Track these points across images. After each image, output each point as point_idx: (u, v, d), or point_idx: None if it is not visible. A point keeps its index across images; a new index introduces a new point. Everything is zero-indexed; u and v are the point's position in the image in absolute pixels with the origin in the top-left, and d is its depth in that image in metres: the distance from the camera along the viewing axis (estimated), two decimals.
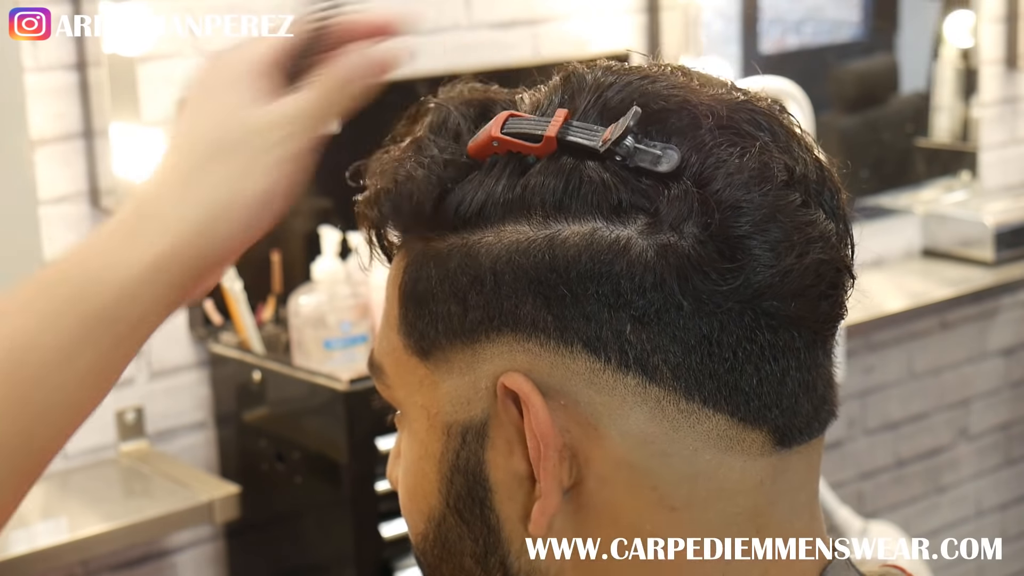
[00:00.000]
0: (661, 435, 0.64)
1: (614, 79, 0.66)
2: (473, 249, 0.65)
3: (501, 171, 0.65)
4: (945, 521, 3.38)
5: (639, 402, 0.63)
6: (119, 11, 2.08)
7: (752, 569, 0.66)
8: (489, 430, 0.66)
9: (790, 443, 0.66)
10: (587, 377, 0.63)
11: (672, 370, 0.63)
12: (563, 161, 0.64)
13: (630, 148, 0.63)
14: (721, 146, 0.63)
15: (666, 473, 0.64)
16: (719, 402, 0.63)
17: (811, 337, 0.65)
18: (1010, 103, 3.30)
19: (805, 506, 0.68)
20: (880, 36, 3.35)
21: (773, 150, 0.64)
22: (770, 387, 0.64)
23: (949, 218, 3.12)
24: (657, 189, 0.63)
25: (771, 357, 0.64)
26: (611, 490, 0.64)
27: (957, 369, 3.33)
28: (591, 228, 0.63)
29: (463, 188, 0.66)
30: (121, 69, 2.09)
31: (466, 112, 0.69)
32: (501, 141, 0.65)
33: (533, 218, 0.64)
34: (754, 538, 0.66)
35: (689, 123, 0.64)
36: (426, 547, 0.70)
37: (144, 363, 2.24)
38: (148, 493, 2.12)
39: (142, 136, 2.12)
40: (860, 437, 3.18)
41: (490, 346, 0.65)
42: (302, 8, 0.71)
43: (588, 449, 0.64)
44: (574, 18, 2.60)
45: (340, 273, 2.20)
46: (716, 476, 0.64)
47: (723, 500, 0.65)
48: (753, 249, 0.62)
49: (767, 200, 0.63)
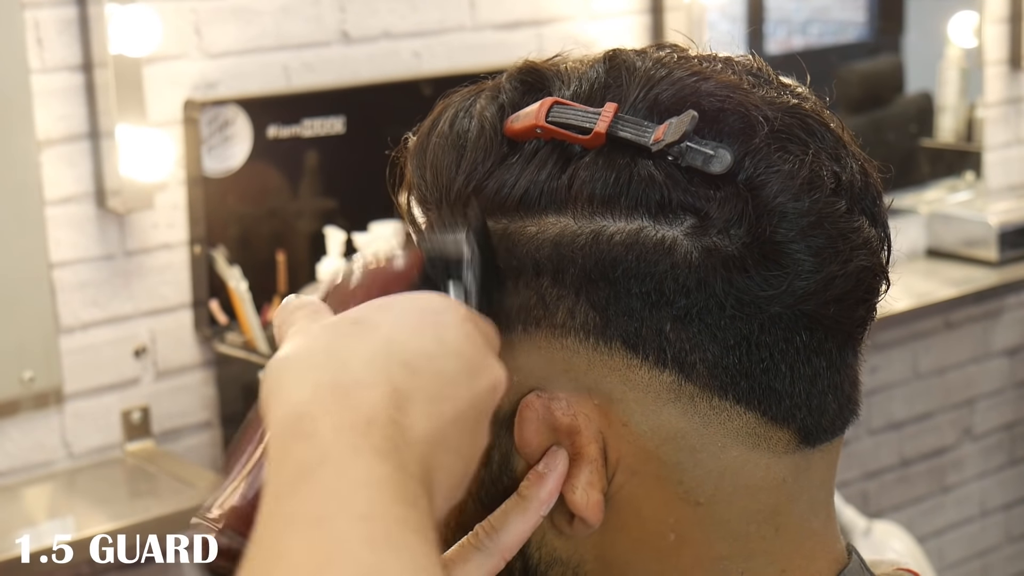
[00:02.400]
0: (691, 431, 0.64)
1: (665, 73, 0.65)
2: (514, 237, 0.64)
3: (545, 160, 0.64)
4: (949, 521, 3.38)
5: (672, 399, 0.63)
6: (125, 12, 2.09)
7: (770, 567, 0.67)
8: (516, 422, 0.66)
9: (814, 442, 0.66)
10: (623, 373, 0.64)
11: (709, 368, 0.63)
12: (612, 156, 0.64)
13: (682, 148, 0.63)
14: (775, 152, 0.63)
15: (693, 468, 0.64)
16: (751, 400, 0.64)
17: (843, 339, 0.66)
18: (1014, 103, 3.30)
19: (823, 505, 0.68)
20: (886, 37, 3.36)
21: (823, 158, 0.64)
22: (802, 387, 0.64)
23: (953, 218, 3.12)
24: (707, 190, 0.63)
25: (805, 358, 0.64)
26: (638, 484, 0.65)
27: (961, 369, 3.33)
28: (638, 226, 0.63)
29: (503, 173, 0.65)
30: (127, 70, 2.09)
31: (508, 91, 0.67)
32: (546, 129, 0.64)
33: (579, 212, 0.63)
34: (774, 537, 0.66)
35: (743, 127, 0.64)
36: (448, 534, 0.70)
37: (150, 363, 2.24)
38: (154, 493, 2.12)
39: (148, 137, 2.13)
40: (865, 437, 3.18)
41: (526, 338, 0.65)
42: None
43: (618, 447, 0.64)
44: (578, 19, 2.60)
45: None
46: (742, 473, 0.65)
47: (747, 497, 0.65)
48: (798, 255, 0.62)
49: (815, 207, 0.63)
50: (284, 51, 2.30)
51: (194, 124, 2.18)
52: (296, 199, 2.33)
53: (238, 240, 2.27)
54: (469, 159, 0.66)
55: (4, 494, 2.10)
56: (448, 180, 0.66)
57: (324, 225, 2.26)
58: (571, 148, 0.64)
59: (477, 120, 0.66)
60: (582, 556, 0.67)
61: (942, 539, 3.36)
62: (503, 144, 0.66)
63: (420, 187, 0.68)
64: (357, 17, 2.37)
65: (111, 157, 2.12)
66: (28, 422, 2.14)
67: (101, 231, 2.16)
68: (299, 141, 2.29)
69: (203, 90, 2.22)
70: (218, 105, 2.21)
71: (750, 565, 0.66)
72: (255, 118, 2.24)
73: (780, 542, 0.66)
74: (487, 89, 0.68)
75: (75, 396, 2.18)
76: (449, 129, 0.67)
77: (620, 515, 0.65)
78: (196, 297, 2.26)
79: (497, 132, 0.66)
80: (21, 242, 2.10)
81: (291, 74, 2.31)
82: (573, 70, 0.68)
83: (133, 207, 2.14)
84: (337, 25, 2.35)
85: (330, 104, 2.31)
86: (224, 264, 2.21)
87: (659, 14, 2.67)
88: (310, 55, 2.33)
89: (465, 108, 0.67)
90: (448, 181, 0.66)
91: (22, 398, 2.13)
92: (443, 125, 0.67)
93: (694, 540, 0.65)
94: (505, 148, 0.65)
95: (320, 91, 2.33)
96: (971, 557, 3.43)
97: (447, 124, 0.67)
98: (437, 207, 0.67)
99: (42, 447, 2.16)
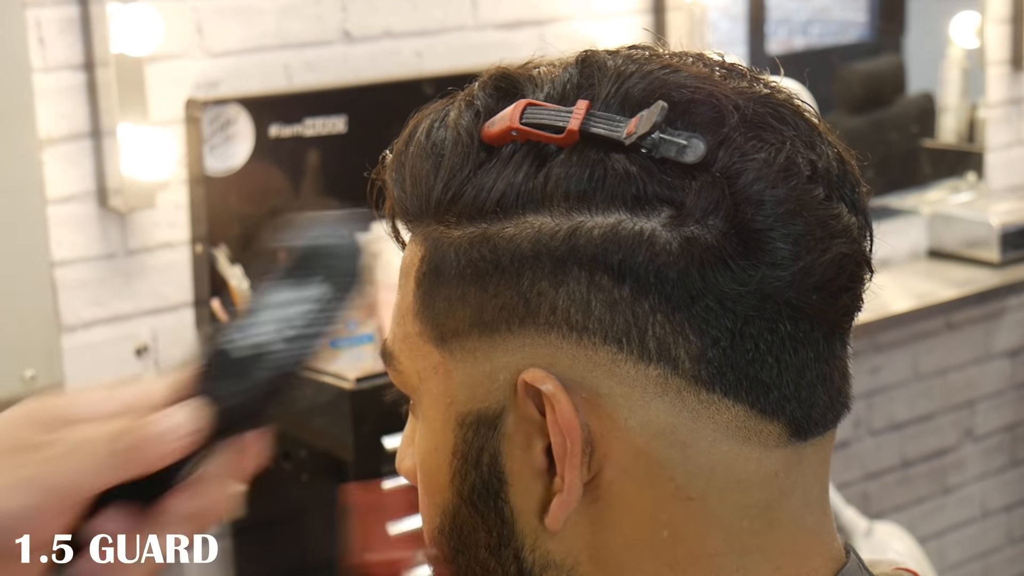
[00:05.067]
0: (681, 426, 0.64)
1: (635, 68, 0.66)
2: (494, 239, 0.65)
3: (521, 161, 0.65)
4: (950, 522, 3.38)
5: (660, 393, 0.63)
6: (127, 11, 2.09)
7: (765, 564, 0.66)
8: (505, 422, 0.66)
9: (805, 435, 0.66)
10: (609, 368, 0.63)
11: (694, 361, 0.63)
12: (587, 153, 0.64)
13: (655, 139, 0.63)
14: (749, 141, 0.63)
15: (684, 464, 0.64)
16: (739, 393, 0.64)
17: (829, 328, 0.65)
18: (1016, 104, 3.30)
19: (817, 502, 0.68)
20: (887, 37, 3.36)
21: (799, 145, 0.65)
22: (789, 378, 0.64)
23: (955, 219, 3.12)
24: (683, 181, 0.63)
25: (791, 349, 0.64)
26: (629, 481, 0.65)
27: (963, 370, 3.33)
28: (615, 220, 0.63)
29: (480, 178, 0.65)
30: (129, 69, 2.10)
31: (482, 98, 0.68)
32: (520, 131, 0.65)
33: (555, 209, 0.64)
34: (767, 532, 0.66)
35: (715, 116, 0.64)
36: (441, 540, 0.70)
37: (151, 362, 2.24)
38: None
39: (149, 136, 2.13)
40: (866, 438, 3.18)
41: (510, 337, 0.65)
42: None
43: (608, 442, 0.64)
44: (580, 18, 2.61)
45: None
46: (733, 467, 0.64)
47: (739, 491, 0.65)
48: (777, 243, 0.62)
49: (792, 195, 0.63)
50: (286, 50, 2.30)
51: (196, 123, 2.18)
52: (298, 198, 2.33)
53: (240, 239, 2.27)
54: (447, 166, 0.66)
55: None
56: (427, 188, 0.67)
57: None
58: (546, 148, 0.65)
59: (453, 128, 0.67)
60: (576, 558, 0.67)
61: (943, 540, 3.36)
62: (480, 150, 0.66)
63: (401, 199, 0.68)
64: (359, 16, 2.37)
65: (113, 156, 2.12)
66: None
67: (103, 230, 2.16)
68: (301, 140, 2.30)
69: (205, 89, 2.22)
70: (220, 104, 2.21)
71: (744, 562, 0.66)
72: (257, 117, 2.24)
73: (774, 538, 0.66)
74: (460, 98, 0.69)
75: None
76: (426, 139, 0.67)
77: (613, 513, 0.65)
78: (198, 296, 2.26)
79: (473, 138, 0.66)
80: (23, 241, 2.10)
81: (293, 73, 2.31)
82: (546, 73, 0.68)
83: (135, 206, 2.14)
84: (339, 24, 2.35)
85: (332, 103, 2.31)
86: (226, 263, 2.21)
87: (660, 14, 2.67)
88: (312, 54, 2.33)
89: (440, 118, 0.68)
90: (427, 189, 0.67)
91: (24, 396, 2.12)
92: (419, 136, 0.68)
93: (688, 536, 0.65)
94: (483, 154, 0.66)
95: (322, 90, 2.33)
96: (972, 558, 3.43)
97: (423, 135, 0.68)
98: (418, 218, 0.68)
99: None
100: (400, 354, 0.70)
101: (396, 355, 0.70)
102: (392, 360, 0.70)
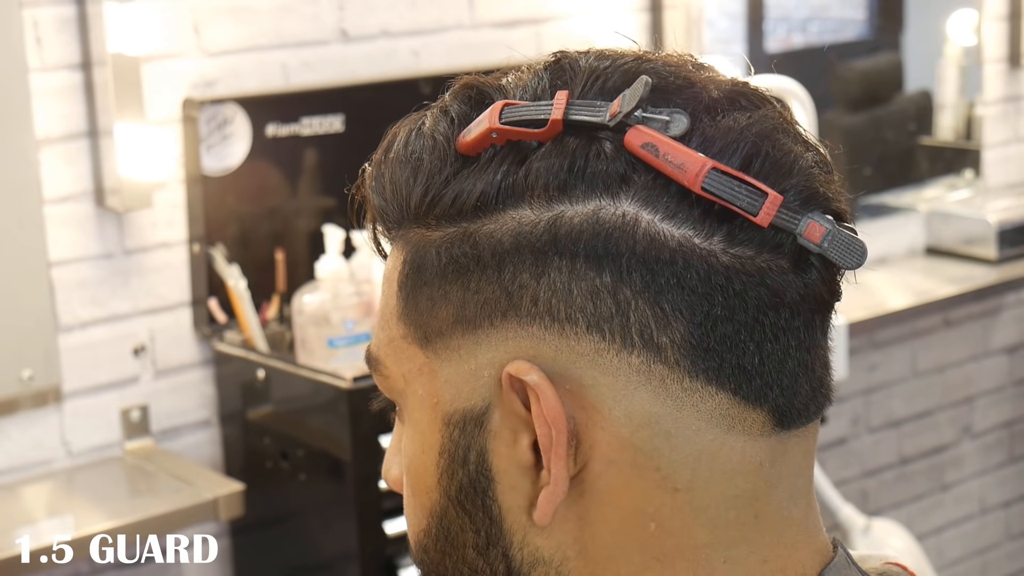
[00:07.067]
0: (665, 415, 0.64)
1: (608, 63, 0.66)
2: (474, 236, 0.65)
3: (500, 162, 0.65)
4: (949, 519, 3.38)
5: (643, 381, 0.63)
6: (123, 11, 2.09)
7: (751, 556, 0.66)
8: (491, 419, 0.66)
9: (789, 425, 0.66)
10: (592, 358, 0.63)
11: (677, 348, 0.63)
12: (565, 143, 0.64)
13: (638, 117, 0.63)
14: (726, 118, 0.64)
15: (670, 454, 0.64)
16: (722, 380, 0.64)
17: (809, 317, 0.66)
18: (1013, 101, 3.30)
19: (803, 495, 0.68)
20: (885, 35, 3.36)
21: (777, 120, 0.65)
22: (771, 366, 0.64)
23: (953, 216, 3.12)
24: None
25: (772, 336, 0.64)
26: (615, 473, 0.65)
27: (961, 367, 3.33)
28: (595, 206, 0.63)
29: (460, 182, 0.65)
30: (126, 69, 2.09)
31: (455, 106, 0.68)
32: (501, 131, 0.65)
33: (536, 202, 0.64)
34: (753, 524, 0.66)
35: (691, 95, 0.65)
36: (428, 542, 0.70)
37: (149, 361, 2.24)
38: (153, 491, 2.12)
39: (147, 136, 2.13)
40: (864, 435, 3.18)
41: (493, 332, 0.65)
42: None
43: (593, 433, 0.64)
44: (577, 17, 2.61)
45: (344, 272, 2.21)
46: (718, 457, 0.65)
47: (724, 482, 0.65)
48: None
49: None
50: (283, 49, 2.30)
51: (193, 123, 2.18)
52: (295, 198, 2.33)
53: (237, 239, 2.27)
54: (425, 171, 0.66)
55: (3, 493, 2.10)
56: (407, 194, 0.67)
57: (323, 224, 2.26)
58: (527, 146, 0.65)
59: (430, 136, 0.67)
60: (565, 554, 0.67)
61: (941, 537, 3.36)
62: (458, 155, 0.66)
63: (381, 207, 0.68)
64: (356, 16, 2.37)
65: (110, 156, 2.12)
66: (27, 421, 2.14)
67: (100, 230, 2.16)
68: (298, 140, 2.29)
69: (202, 89, 2.22)
70: (217, 104, 2.21)
71: (731, 553, 0.66)
72: (254, 117, 2.24)
73: (760, 530, 0.66)
74: (434, 108, 0.69)
75: (74, 395, 2.18)
76: (404, 148, 0.68)
77: (600, 507, 0.65)
78: (195, 296, 2.26)
79: (450, 143, 0.66)
80: (20, 241, 2.10)
81: (290, 73, 2.31)
82: (516, 80, 0.68)
83: (132, 206, 2.14)
84: (336, 24, 2.35)
85: (329, 103, 2.31)
86: (223, 263, 2.21)
87: (658, 12, 2.67)
88: (309, 54, 2.33)
89: (416, 128, 0.68)
90: (407, 195, 0.67)
91: (21, 397, 2.13)
92: (398, 145, 0.68)
93: (674, 528, 0.65)
94: (461, 160, 0.66)
95: (319, 90, 2.33)
96: (970, 555, 3.43)
97: (401, 144, 0.68)
98: (399, 224, 0.68)
99: (41, 446, 2.16)
100: (385, 358, 0.70)
101: (381, 360, 0.70)
102: (377, 365, 0.70)
